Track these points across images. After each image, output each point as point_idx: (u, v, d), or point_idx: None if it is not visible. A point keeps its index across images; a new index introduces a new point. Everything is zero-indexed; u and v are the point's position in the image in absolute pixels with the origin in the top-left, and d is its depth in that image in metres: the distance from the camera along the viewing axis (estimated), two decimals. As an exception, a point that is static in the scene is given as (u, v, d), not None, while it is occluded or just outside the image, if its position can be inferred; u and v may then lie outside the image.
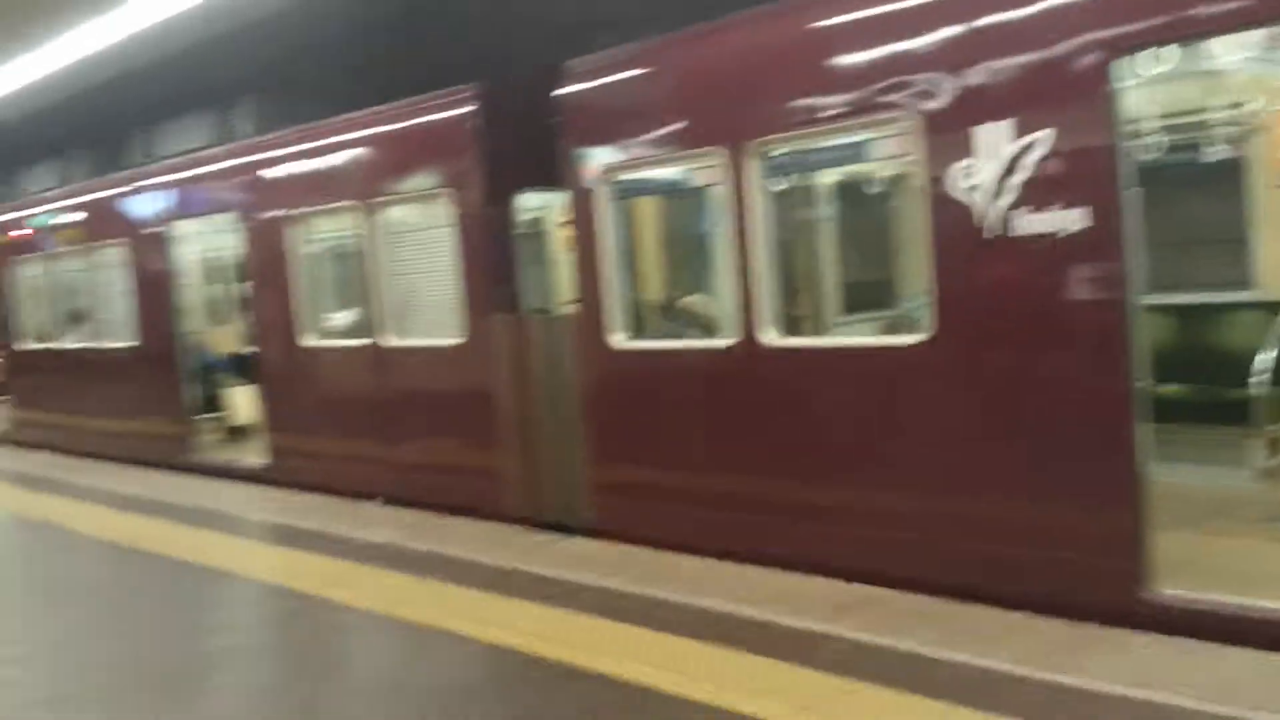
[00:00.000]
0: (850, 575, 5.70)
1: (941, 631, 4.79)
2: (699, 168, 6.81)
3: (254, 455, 10.85)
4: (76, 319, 13.91)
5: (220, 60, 12.38)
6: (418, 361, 8.87)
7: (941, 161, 5.39)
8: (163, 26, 10.43)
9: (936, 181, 5.41)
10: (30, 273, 14.68)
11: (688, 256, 8.00)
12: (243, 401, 11.72)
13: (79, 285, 13.70)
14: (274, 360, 10.42)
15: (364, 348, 9.29)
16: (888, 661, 4.50)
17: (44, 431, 14.65)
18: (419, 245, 8.83)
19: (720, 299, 7.10)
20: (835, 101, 5.81)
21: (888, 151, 6.45)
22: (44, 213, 14.22)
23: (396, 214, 9.00)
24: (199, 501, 9.24)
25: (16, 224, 14.83)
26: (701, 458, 6.73)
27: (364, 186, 9.10)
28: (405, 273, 8.89)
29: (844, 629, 4.92)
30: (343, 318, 9.98)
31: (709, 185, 6.74)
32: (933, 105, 5.38)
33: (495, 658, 4.97)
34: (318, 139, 9.75)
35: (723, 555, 6.31)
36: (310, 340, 9.90)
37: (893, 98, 5.56)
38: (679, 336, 7.16)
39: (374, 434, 9.33)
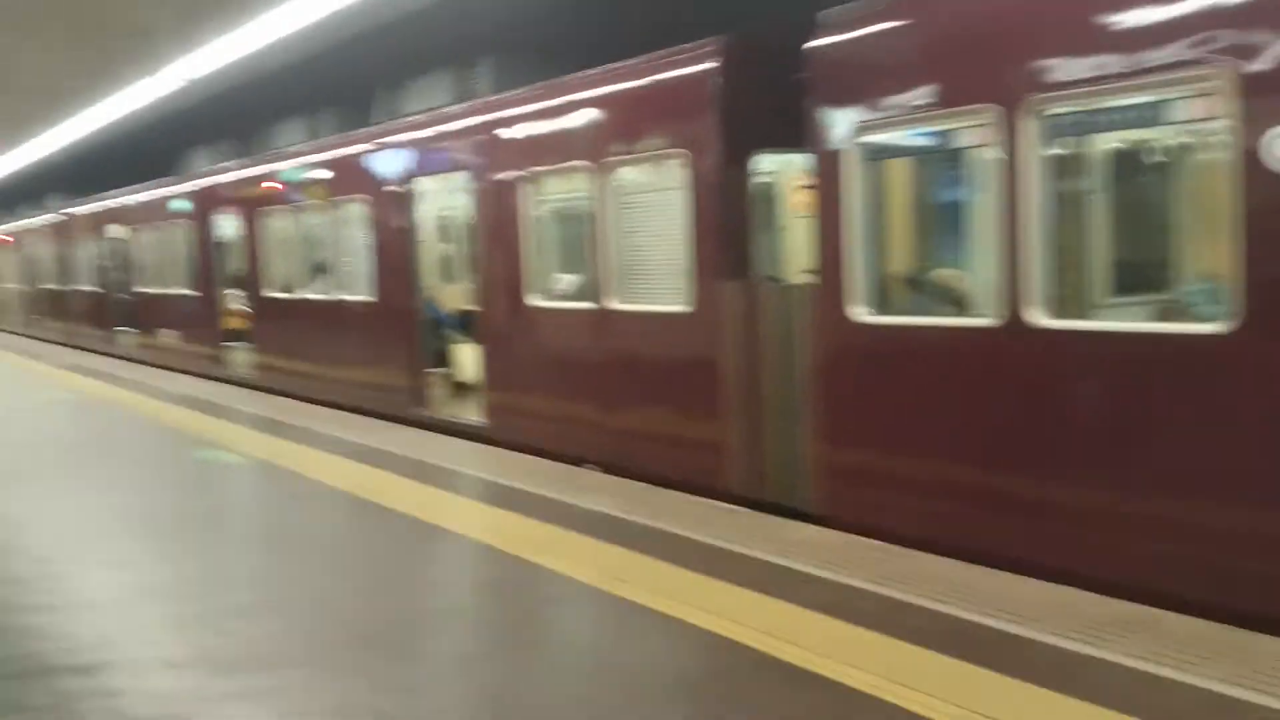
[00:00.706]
0: (1117, 591, 5.03)
1: (1236, 667, 4.10)
2: (964, 127, 6.18)
3: (474, 413, 10.86)
4: (319, 271, 14.35)
5: (460, 18, 12.38)
6: (642, 327, 8.57)
7: (1259, 128, 4.64)
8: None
9: (1251, 151, 4.67)
10: (279, 225, 15.24)
11: (940, 225, 7.36)
12: (468, 359, 11.77)
13: (323, 239, 14.12)
14: (498, 320, 10.36)
15: (588, 311, 9.07)
16: (1171, 698, 3.86)
17: (282, 377, 15.23)
18: (649, 208, 8.52)
19: (977, 273, 6.47)
20: (1132, 57, 5.10)
21: (1185, 115, 5.66)
22: (292, 168, 14.71)
23: (628, 175, 8.71)
24: (422, 455, 9.26)
25: (268, 178, 15.42)
26: (948, 446, 6.14)
27: (596, 146, 8.84)
28: (633, 236, 8.60)
29: (1114, 654, 4.29)
30: (568, 280, 9.81)
31: (974, 147, 6.11)
32: (1253, 65, 4.64)
33: (716, 649, 4.58)
34: (552, 98, 9.56)
35: (962, 555, 5.73)
36: (535, 301, 9.77)
37: (1203, 54, 4.82)
38: (926, 312, 6.56)
39: (592, 399, 9.12)
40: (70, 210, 25.81)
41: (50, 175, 28.94)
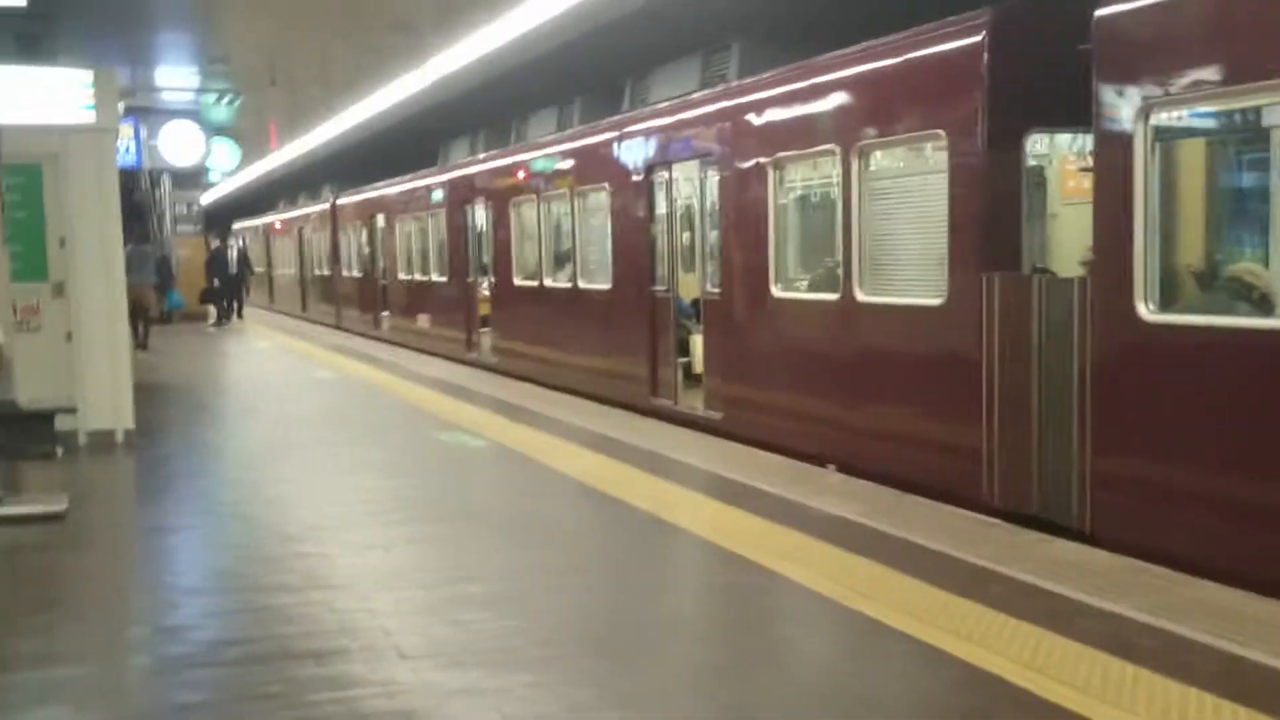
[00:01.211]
0: None
1: None
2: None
3: (709, 405, 10.60)
4: (561, 260, 14.48)
5: (710, 2, 12.15)
6: (891, 321, 8.07)
7: None
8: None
9: None
10: (527, 214, 15.48)
11: (1241, 214, 6.52)
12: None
13: (566, 227, 14.22)
14: (737, 310, 10.06)
15: (833, 302, 8.63)
16: None
17: (521, 362, 15.48)
18: (904, 193, 8.00)
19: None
20: None
21: None
22: (539, 158, 14.89)
23: (881, 159, 8.22)
24: (656, 446, 9.07)
25: (516, 168, 15.69)
26: (1249, 463, 5.39)
27: (847, 130, 8.39)
28: (885, 223, 8.10)
29: None
30: (813, 269, 9.40)
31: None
32: None
33: (971, 682, 4.11)
34: (800, 80, 9.16)
35: (1263, 587, 5.00)
36: (778, 291, 9.40)
37: None
38: (1224, 311, 5.80)
39: (835, 395, 8.68)
40: (338, 199, 27.29)
41: (325, 165, 30.71)
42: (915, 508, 6.91)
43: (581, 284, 13.52)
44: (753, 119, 9.76)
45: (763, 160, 9.47)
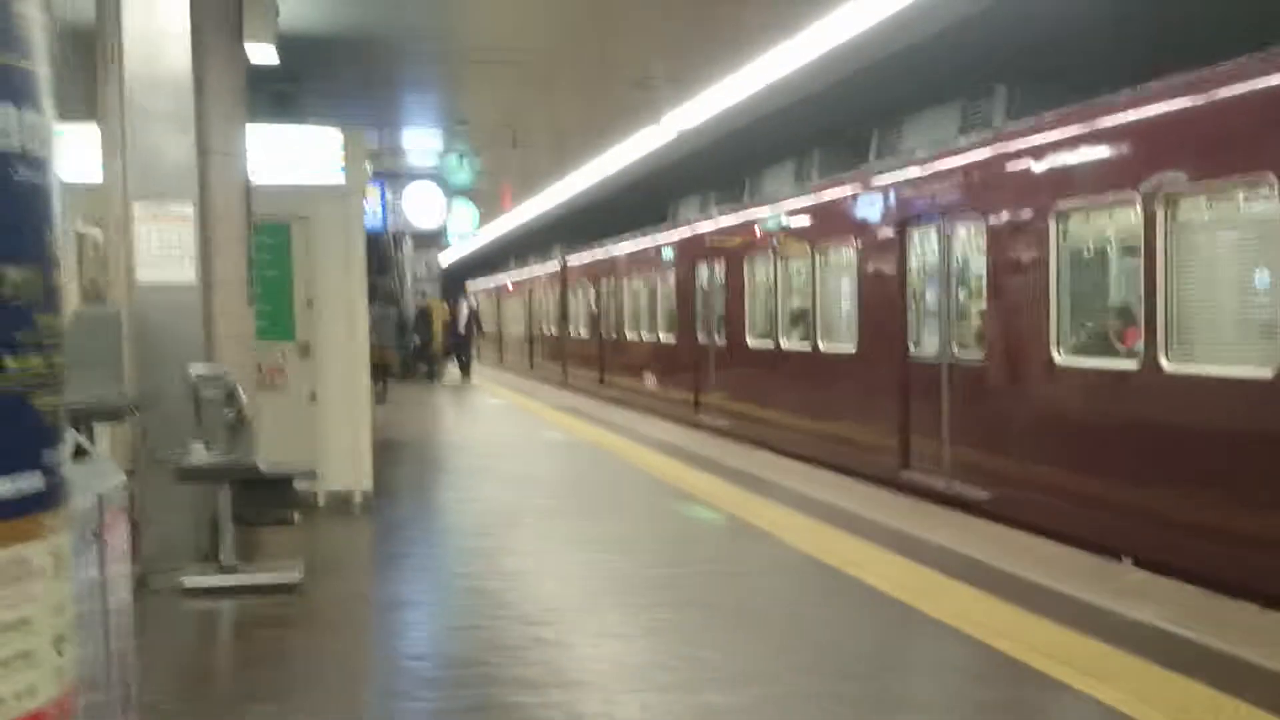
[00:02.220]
0: None
1: None
2: None
3: (969, 481, 9.65)
4: (798, 320, 13.82)
5: (973, 45, 11.41)
6: (1213, 393, 7.00)
7: None
8: (915, 10, 9.57)
9: None
10: (759, 271, 14.93)
11: None
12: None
13: (802, 286, 13.57)
14: (1009, 377, 9.11)
15: (1133, 371, 7.61)
16: None
17: (753, 427, 14.83)
18: (1221, 247, 6.97)
19: None
20: None
21: None
22: (775, 214, 14.34)
23: (1191, 209, 7.21)
24: (912, 528, 8.21)
25: (748, 225, 15.18)
26: None
27: (1150, 175, 7.42)
28: (1201, 280, 7.08)
29: None
30: (1101, 332, 8.39)
31: None
32: None
33: None
34: (1086, 121, 8.24)
35: None
36: (1063, 357, 8.42)
37: None
38: None
39: (1135, 477, 7.62)
40: (566, 259, 27.55)
41: (555, 225, 31.20)
42: (1239, 614, 5.83)
43: (823, 345, 12.80)
44: (1029, 166, 8.88)
45: (1042, 211, 8.57)
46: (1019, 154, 9.04)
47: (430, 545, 8.08)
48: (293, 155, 9.50)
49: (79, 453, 3.87)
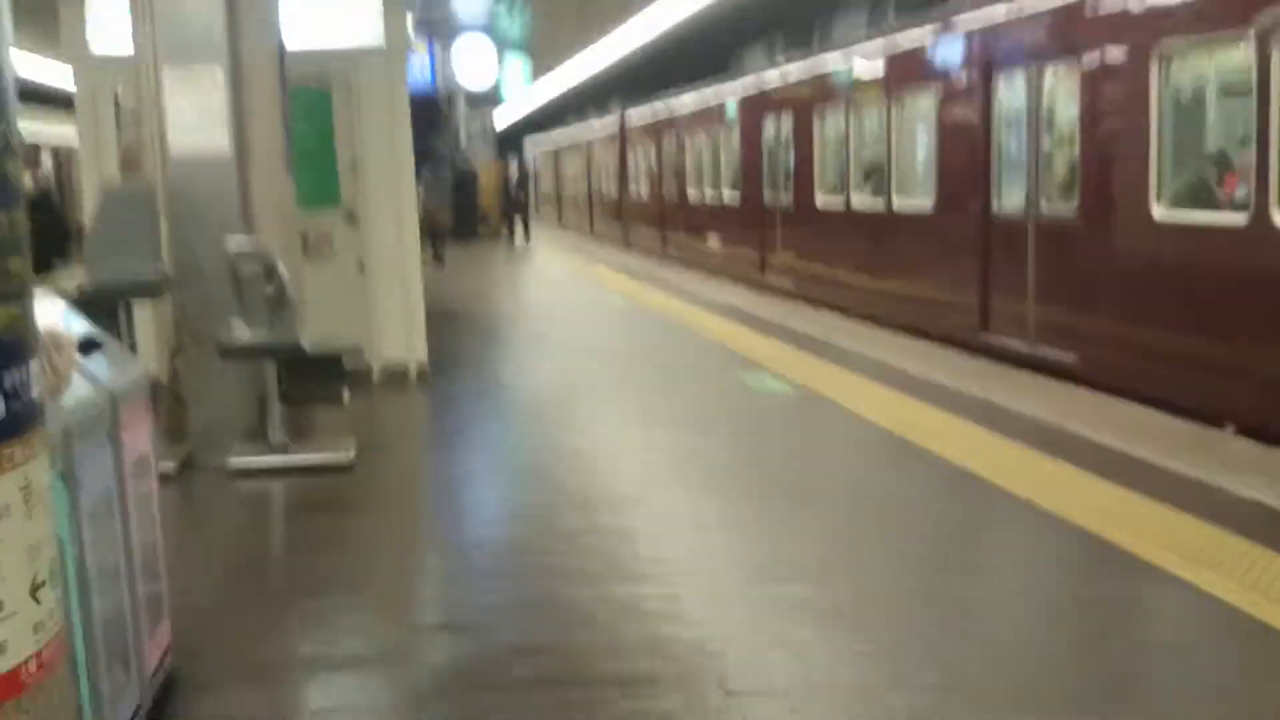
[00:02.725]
0: None
1: None
2: None
3: (1056, 344, 9.11)
4: (871, 176, 13.13)
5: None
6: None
7: None
8: None
9: None
10: (830, 125, 14.18)
11: None
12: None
13: (875, 140, 12.84)
14: (1105, 233, 8.46)
15: (1242, 228, 6.96)
16: None
17: (822, 288, 14.29)
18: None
19: None
20: None
21: None
22: (847, 61, 13.50)
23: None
24: (993, 395, 7.75)
25: (817, 75, 14.35)
26: None
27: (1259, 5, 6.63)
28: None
29: None
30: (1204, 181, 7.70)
31: None
32: None
33: None
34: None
35: None
36: (1164, 212, 7.75)
37: None
38: None
39: (1241, 338, 7.05)
40: (625, 116, 26.71)
41: (614, 79, 30.23)
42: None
43: (897, 202, 12.15)
44: (1129, 2, 8.07)
45: (1140, 51, 7.80)
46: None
47: (487, 421, 7.79)
48: (331, 16, 8.94)
49: (91, 346, 3.52)
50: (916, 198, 11.69)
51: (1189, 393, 7.42)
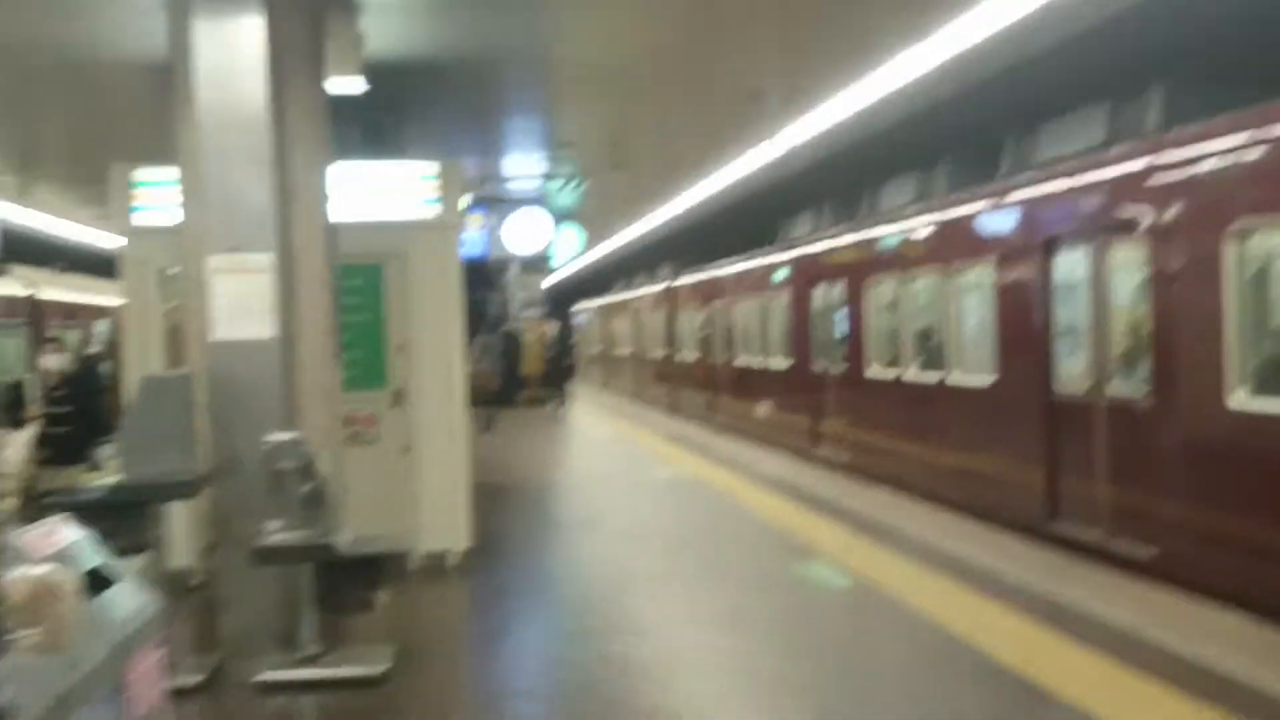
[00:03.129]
0: None
1: None
2: None
3: (1134, 535, 8.56)
4: (928, 347, 12.81)
5: (1121, 42, 10.28)
6: None
7: None
8: (1060, 6, 8.53)
9: None
10: (884, 293, 13.97)
11: None
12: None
13: (929, 310, 12.57)
14: (1187, 420, 7.99)
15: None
16: None
17: (878, 462, 13.84)
18: None
19: None
20: None
21: None
22: (902, 229, 13.36)
23: None
24: (1074, 594, 7.20)
25: (874, 242, 14.21)
26: None
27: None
28: None
29: None
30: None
31: None
32: None
33: None
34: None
35: None
36: (1245, 397, 7.30)
37: None
38: None
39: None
40: (674, 281, 26.79)
41: (663, 246, 30.52)
42: None
43: (954, 377, 11.78)
44: (1206, 170, 7.79)
45: (1216, 228, 7.48)
46: (1188, 162, 7.95)
47: (532, 621, 7.35)
48: (386, 190, 8.90)
49: (101, 582, 3.20)
50: (975, 373, 11.33)
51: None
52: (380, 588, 6.08)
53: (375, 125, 9.79)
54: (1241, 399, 7.31)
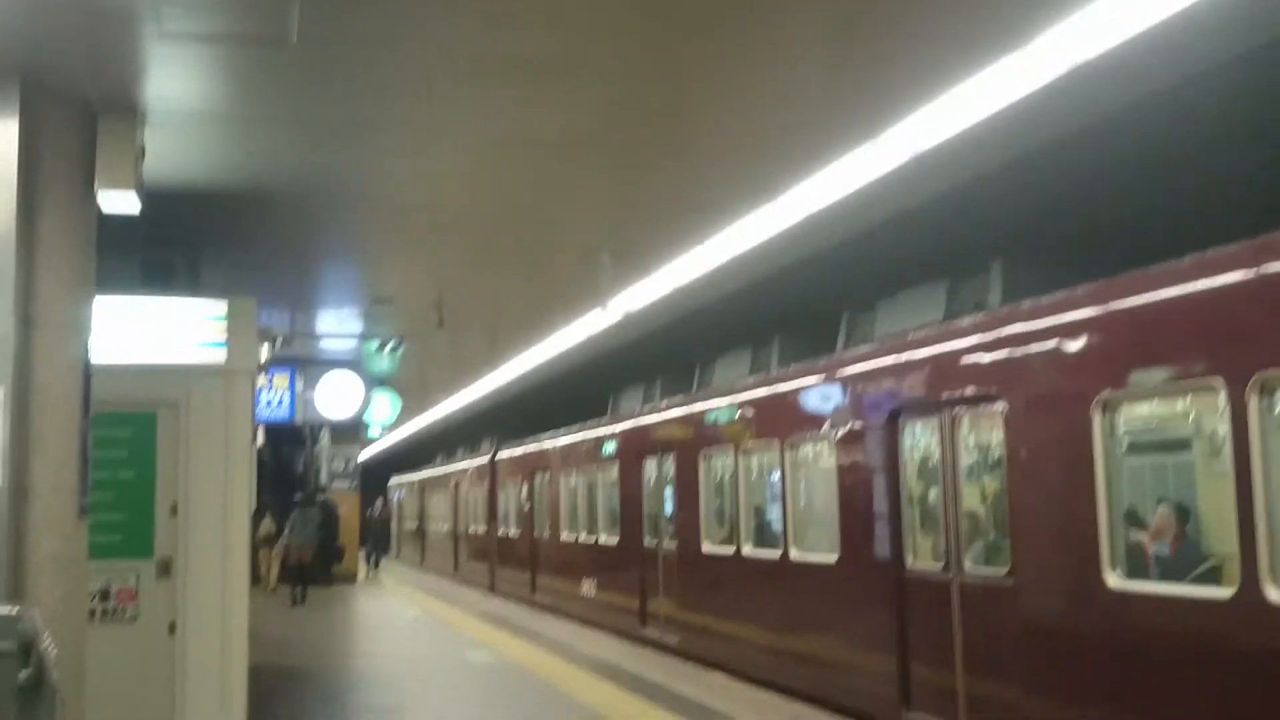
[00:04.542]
0: None
1: None
2: None
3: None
4: (765, 523, 12.18)
5: (958, 220, 10.21)
6: None
7: None
8: (900, 179, 8.22)
9: None
10: (717, 467, 13.36)
11: None
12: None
13: (773, 485, 11.99)
14: (1047, 598, 7.42)
15: (1223, 601, 6.01)
16: None
17: (710, 644, 12.96)
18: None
19: None
20: None
21: None
22: (738, 402, 12.87)
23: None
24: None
25: (709, 414, 13.66)
26: None
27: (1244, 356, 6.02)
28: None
29: None
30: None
31: None
32: None
33: None
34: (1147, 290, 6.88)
35: None
36: (1118, 580, 6.78)
37: None
38: None
39: None
40: (496, 453, 25.80)
41: (485, 417, 29.57)
42: None
43: (794, 554, 11.11)
44: (1065, 349, 7.45)
45: (1084, 397, 7.09)
46: (1051, 333, 7.61)
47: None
48: (164, 330, 7.81)
49: None
50: (817, 550, 10.70)
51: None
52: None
53: (163, 262, 8.72)
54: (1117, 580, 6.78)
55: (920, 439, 9.16)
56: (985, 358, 8.29)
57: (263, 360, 10.63)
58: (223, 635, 7.57)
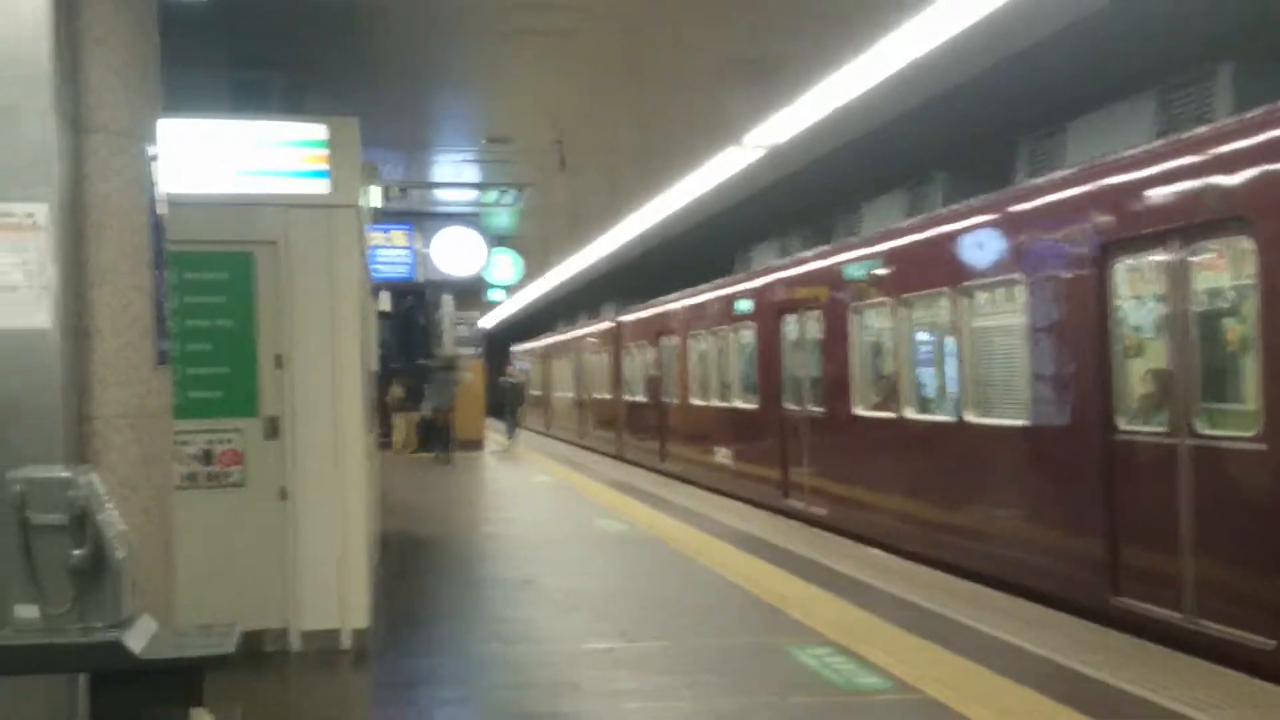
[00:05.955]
0: None
1: None
2: None
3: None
4: (930, 382, 10.94)
5: (1168, 20, 8.69)
6: None
7: None
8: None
9: None
10: (872, 323, 12.11)
11: None
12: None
13: (936, 340, 10.71)
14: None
15: None
16: None
17: (864, 516, 11.90)
18: None
19: None
20: None
21: None
22: (890, 249, 11.50)
23: None
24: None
25: (866, 261, 12.29)
26: None
27: None
28: None
29: None
30: None
31: None
32: None
33: None
34: None
35: None
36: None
37: None
38: None
39: None
40: (620, 317, 24.87)
41: (607, 281, 28.66)
42: None
43: (970, 416, 9.85)
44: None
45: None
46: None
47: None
48: (260, 158, 6.79)
49: None
50: (1000, 413, 9.44)
51: None
52: (196, 705, 3.93)
53: (257, 82, 7.66)
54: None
55: (1138, 278, 7.73)
56: (1227, 179, 6.80)
57: (377, 203, 9.65)
58: (340, 502, 6.73)
